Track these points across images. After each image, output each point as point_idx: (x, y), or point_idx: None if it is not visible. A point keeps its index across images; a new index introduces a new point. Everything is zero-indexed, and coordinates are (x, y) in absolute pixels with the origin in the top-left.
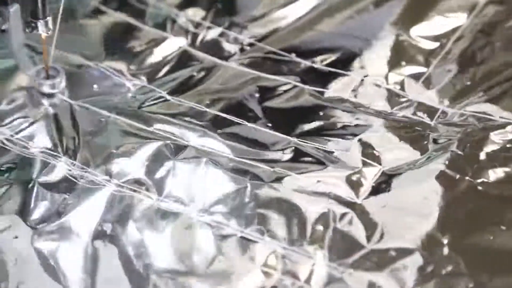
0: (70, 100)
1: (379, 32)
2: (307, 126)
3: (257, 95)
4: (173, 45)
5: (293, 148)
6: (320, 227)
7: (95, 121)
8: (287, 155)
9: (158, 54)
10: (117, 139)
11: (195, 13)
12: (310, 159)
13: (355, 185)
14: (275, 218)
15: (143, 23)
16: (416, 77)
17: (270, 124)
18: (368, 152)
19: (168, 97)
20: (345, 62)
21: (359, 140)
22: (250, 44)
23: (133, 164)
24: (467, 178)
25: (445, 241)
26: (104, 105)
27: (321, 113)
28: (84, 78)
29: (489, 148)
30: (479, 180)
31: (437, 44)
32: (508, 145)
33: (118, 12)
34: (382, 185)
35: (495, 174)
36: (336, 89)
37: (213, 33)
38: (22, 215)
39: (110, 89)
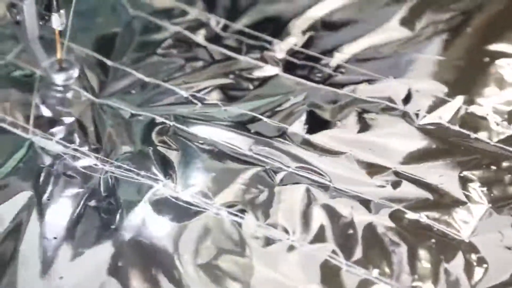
0: (179, 125)
1: None
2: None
3: (355, 118)
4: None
5: (396, 178)
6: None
7: (189, 148)
8: (388, 185)
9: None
10: (216, 163)
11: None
12: (415, 190)
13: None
14: (379, 251)
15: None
16: None
17: (372, 150)
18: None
19: (265, 119)
20: None
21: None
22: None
23: (234, 189)
24: None
25: None
26: (203, 130)
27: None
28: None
29: None
30: None
31: None
32: None
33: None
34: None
35: None
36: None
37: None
38: None
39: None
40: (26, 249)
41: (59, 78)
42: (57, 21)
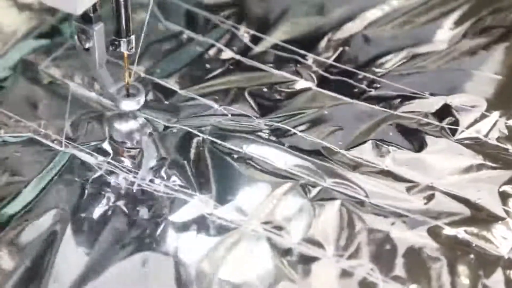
0: (214, 139)
1: None
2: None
3: (391, 134)
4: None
5: (433, 193)
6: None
7: (224, 162)
8: (426, 200)
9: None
10: (251, 178)
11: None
12: (452, 205)
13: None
14: (417, 267)
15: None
16: None
17: (409, 165)
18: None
19: (300, 133)
20: None
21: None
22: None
23: (268, 204)
24: None
25: None
26: (238, 144)
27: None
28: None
29: None
30: None
31: None
32: None
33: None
34: None
35: None
36: None
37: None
38: None
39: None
40: (60, 263)
41: (125, 104)
42: (126, 46)
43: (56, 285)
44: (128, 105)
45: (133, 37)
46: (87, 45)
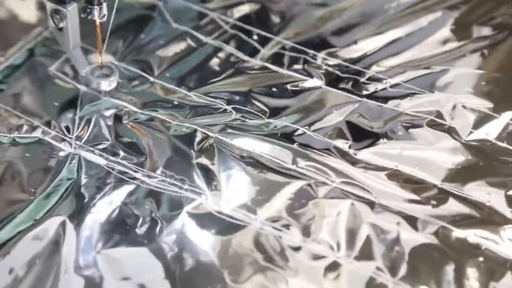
0: (223, 138)
1: None
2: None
3: (400, 133)
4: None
5: (442, 195)
6: (476, 283)
7: (233, 161)
8: (434, 202)
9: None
10: (260, 177)
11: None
12: (461, 208)
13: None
14: (426, 269)
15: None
16: None
17: (418, 166)
18: None
19: (309, 133)
20: None
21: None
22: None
23: (277, 203)
24: None
25: None
26: (246, 143)
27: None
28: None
29: None
30: None
31: None
32: None
33: None
34: None
35: None
36: None
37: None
38: None
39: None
40: (67, 262)
41: (101, 84)
42: (98, 13)
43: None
44: (102, 85)
45: (105, 4)
46: (60, 25)
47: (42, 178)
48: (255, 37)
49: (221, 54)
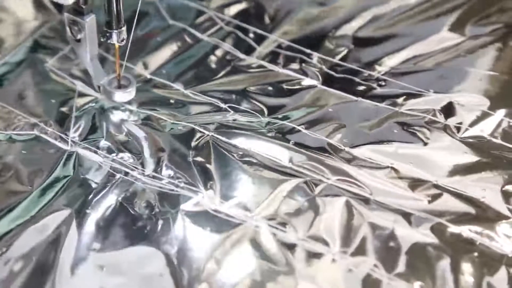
0: (219, 136)
1: None
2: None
3: (396, 131)
4: (306, 84)
5: (437, 191)
6: (470, 278)
7: (229, 159)
8: (430, 198)
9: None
10: (256, 175)
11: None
12: (457, 204)
13: (503, 235)
14: (421, 265)
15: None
16: None
17: (413, 163)
18: None
19: (304, 131)
20: None
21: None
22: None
23: (273, 201)
24: None
25: None
26: (243, 141)
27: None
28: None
29: None
30: None
31: None
32: None
33: None
34: None
35: None
36: None
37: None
38: None
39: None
40: (65, 258)
41: (118, 96)
42: (117, 38)
43: (62, 277)
44: (120, 96)
45: (124, 28)
46: (78, 37)
47: (39, 175)
48: (251, 35)
49: (217, 52)
